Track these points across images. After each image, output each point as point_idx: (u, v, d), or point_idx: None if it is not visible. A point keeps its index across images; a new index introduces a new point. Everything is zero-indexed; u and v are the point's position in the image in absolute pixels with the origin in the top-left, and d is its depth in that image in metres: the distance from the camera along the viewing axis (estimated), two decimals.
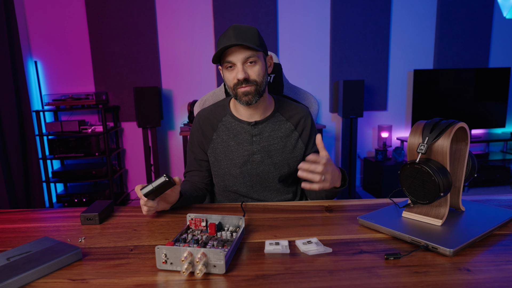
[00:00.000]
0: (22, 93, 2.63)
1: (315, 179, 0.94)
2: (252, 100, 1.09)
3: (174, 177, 0.93)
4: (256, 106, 1.15)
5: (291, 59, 3.47)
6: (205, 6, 3.30)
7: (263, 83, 1.09)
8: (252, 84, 1.07)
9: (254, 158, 1.17)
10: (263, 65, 1.09)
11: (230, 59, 1.06)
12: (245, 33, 1.04)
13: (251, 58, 1.05)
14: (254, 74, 1.07)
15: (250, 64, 1.06)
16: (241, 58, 1.05)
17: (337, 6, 3.39)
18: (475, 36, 3.56)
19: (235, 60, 1.05)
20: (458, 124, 0.80)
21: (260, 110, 1.17)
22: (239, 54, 1.05)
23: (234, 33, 1.03)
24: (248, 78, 1.06)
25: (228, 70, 1.09)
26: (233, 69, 1.07)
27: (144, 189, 0.88)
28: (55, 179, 3.00)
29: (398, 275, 0.64)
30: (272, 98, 1.23)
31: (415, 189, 0.82)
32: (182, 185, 1.17)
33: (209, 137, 1.21)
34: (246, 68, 1.06)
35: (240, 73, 1.05)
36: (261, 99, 1.14)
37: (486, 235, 0.79)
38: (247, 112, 1.17)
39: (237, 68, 1.06)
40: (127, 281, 0.65)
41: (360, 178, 3.81)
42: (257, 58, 1.07)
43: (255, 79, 1.07)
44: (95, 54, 3.26)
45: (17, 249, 0.74)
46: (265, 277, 0.65)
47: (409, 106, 3.67)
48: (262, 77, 1.08)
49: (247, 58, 1.05)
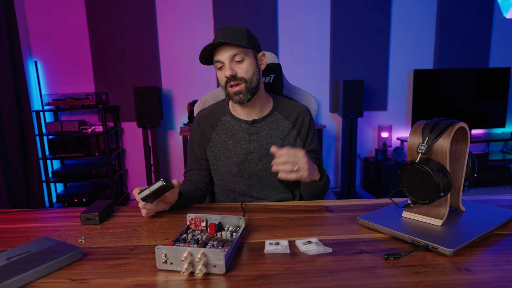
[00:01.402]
0: (22, 93, 2.63)
1: (286, 168, 0.95)
2: (243, 98, 1.10)
3: (172, 180, 0.93)
4: (252, 105, 1.16)
5: (291, 59, 3.47)
6: (205, 6, 3.30)
7: (254, 80, 1.10)
8: (240, 81, 1.08)
9: (251, 156, 1.18)
10: (252, 62, 1.10)
11: (217, 58, 1.09)
12: (232, 32, 1.07)
13: (237, 56, 1.07)
14: (242, 71, 1.08)
15: (238, 62, 1.08)
16: (228, 56, 1.07)
17: (337, 6, 3.40)
18: (475, 36, 3.56)
19: (223, 59, 1.08)
20: (458, 124, 0.80)
21: (257, 109, 1.18)
22: (225, 52, 1.07)
23: (222, 33, 1.07)
24: (235, 76, 1.07)
25: (219, 70, 1.11)
26: (222, 68, 1.10)
27: (142, 193, 0.88)
28: (55, 179, 3.00)
29: (398, 275, 0.64)
30: (270, 97, 1.24)
31: (415, 189, 0.82)
32: (182, 185, 1.17)
33: (208, 136, 1.22)
34: (234, 66, 1.08)
35: (227, 71, 1.07)
36: (256, 98, 1.15)
37: (486, 235, 0.79)
38: (244, 111, 1.18)
39: (225, 66, 1.08)
40: (127, 281, 0.65)
41: (360, 178, 3.81)
42: (245, 55, 1.08)
43: (243, 76, 1.08)
44: (95, 54, 3.26)
45: (17, 249, 0.74)
46: (265, 277, 0.65)
47: (409, 106, 3.67)
48: (251, 74, 1.09)
49: (233, 56, 1.07)
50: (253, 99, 1.14)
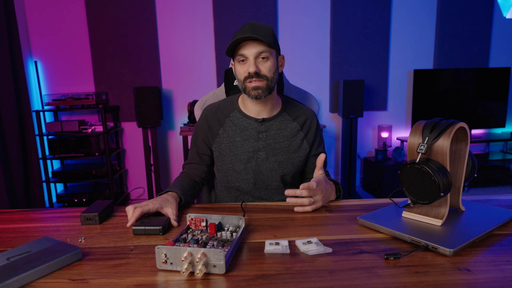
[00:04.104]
0: (22, 93, 2.63)
1: (304, 203, 0.99)
2: (261, 94, 1.09)
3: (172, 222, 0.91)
4: (264, 103, 1.16)
5: (291, 59, 3.47)
6: (205, 6, 3.30)
7: (274, 79, 1.11)
8: (262, 79, 1.08)
9: (259, 155, 1.18)
10: (274, 62, 1.10)
11: (243, 52, 1.07)
12: (260, 29, 1.06)
13: (263, 53, 1.07)
14: (265, 69, 1.08)
15: (262, 59, 1.08)
16: (254, 52, 1.06)
17: (337, 6, 3.39)
18: (475, 36, 3.56)
19: (248, 54, 1.07)
20: (458, 124, 0.80)
21: (268, 107, 1.18)
22: (252, 48, 1.06)
23: (250, 28, 1.05)
24: (259, 73, 1.07)
25: (240, 64, 1.10)
26: (245, 62, 1.09)
27: (136, 227, 0.86)
28: (55, 179, 3.00)
29: (398, 275, 0.64)
30: (279, 98, 1.24)
31: (415, 189, 0.82)
32: (180, 181, 1.16)
33: (215, 132, 1.22)
34: (258, 63, 1.08)
35: (251, 67, 1.06)
36: (269, 97, 1.15)
37: (486, 235, 0.79)
38: (255, 108, 1.18)
39: (249, 61, 1.07)
40: (127, 281, 0.65)
41: (360, 178, 3.81)
42: (270, 54, 1.08)
43: (266, 74, 1.08)
44: (95, 54, 3.26)
45: (17, 249, 0.74)
46: (265, 277, 0.65)
47: (409, 106, 3.67)
48: (273, 73, 1.10)
49: (259, 53, 1.06)
50: (267, 97, 1.14)
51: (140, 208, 0.90)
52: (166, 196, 0.99)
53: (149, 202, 0.93)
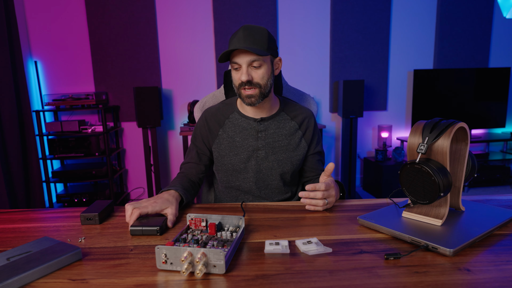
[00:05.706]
0: (22, 93, 2.63)
1: (319, 204, 0.99)
2: (255, 102, 1.12)
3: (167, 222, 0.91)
4: (261, 105, 1.18)
5: (291, 59, 3.47)
6: (205, 6, 3.30)
7: (267, 85, 1.12)
8: (255, 86, 1.10)
9: (258, 153, 1.20)
10: (268, 68, 1.11)
11: (236, 60, 1.09)
12: (254, 35, 1.07)
13: (256, 62, 1.08)
14: (258, 77, 1.10)
15: (255, 67, 1.09)
16: (247, 61, 1.08)
17: (337, 6, 3.39)
18: (475, 36, 3.56)
19: (241, 62, 1.08)
20: (458, 124, 0.80)
21: (266, 108, 1.20)
22: (245, 57, 1.07)
23: (244, 34, 1.06)
24: (251, 81, 1.09)
25: (235, 71, 1.12)
26: (238, 70, 1.11)
27: (134, 228, 0.86)
28: (55, 179, 3.00)
29: (398, 275, 0.64)
30: (277, 98, 1.26)
31: (415, 189, 0.82)
32: (179, 180, 1.16)
33: (215, 133, 1.23)
34: (251, 71, 1.09)
35: (244, 75, 1.08)
36: (266, 99, 1.18)
37: (486, 235, 0.79)
38: (252, 110, 1.20)
39: (242, 69, 1.09)
40: (127, 281, 0.65)
41: (360, 178, 3.81)
42: (263, 61, 1.09)
43: (258, 82, 1.10)
44: (95, 54, 3.26)
45: (17, 249, 0.74)
46: (265, 277, 0.65)
47: (409, 106, 3.67)
48: (266, 80, 1.11)
49: (252, 61, 1.08)
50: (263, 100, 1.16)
51: (139, 210, 0.90)
52: (167, 196, 0.98)
53: (149, 204, 0.93)
